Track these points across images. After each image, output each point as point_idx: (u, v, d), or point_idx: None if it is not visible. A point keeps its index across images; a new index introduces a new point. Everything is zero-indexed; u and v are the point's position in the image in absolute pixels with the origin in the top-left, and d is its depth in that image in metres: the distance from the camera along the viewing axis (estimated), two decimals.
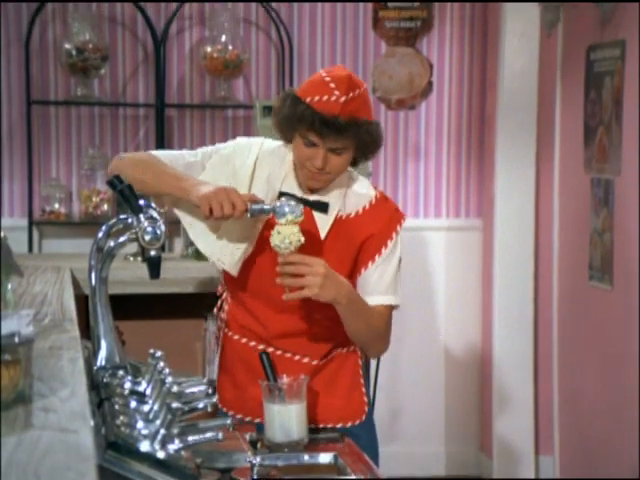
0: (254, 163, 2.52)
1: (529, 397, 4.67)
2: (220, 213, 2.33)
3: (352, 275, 2.51)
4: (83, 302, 2.66)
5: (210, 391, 1.92)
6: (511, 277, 4.65)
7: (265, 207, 2.39)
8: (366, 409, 2.64)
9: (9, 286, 1.74)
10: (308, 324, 2.54)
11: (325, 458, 2.31)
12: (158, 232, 2.14)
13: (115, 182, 2.24)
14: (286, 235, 2.34)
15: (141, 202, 2.20)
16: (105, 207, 4.45)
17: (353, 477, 2.20)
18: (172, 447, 1.75)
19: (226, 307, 2.65)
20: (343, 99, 2.34)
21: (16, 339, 1.40)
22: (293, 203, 2.37)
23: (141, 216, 2.16)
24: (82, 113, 4.54)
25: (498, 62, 4.62)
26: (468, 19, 4.77)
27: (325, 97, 2.36)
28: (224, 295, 2.69)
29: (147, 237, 2.13)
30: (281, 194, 2.48)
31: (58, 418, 1.38)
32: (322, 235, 2.49)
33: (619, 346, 4.04)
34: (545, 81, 4.61)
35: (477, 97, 4.80)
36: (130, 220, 2.18)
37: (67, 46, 4.37)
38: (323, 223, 2.49)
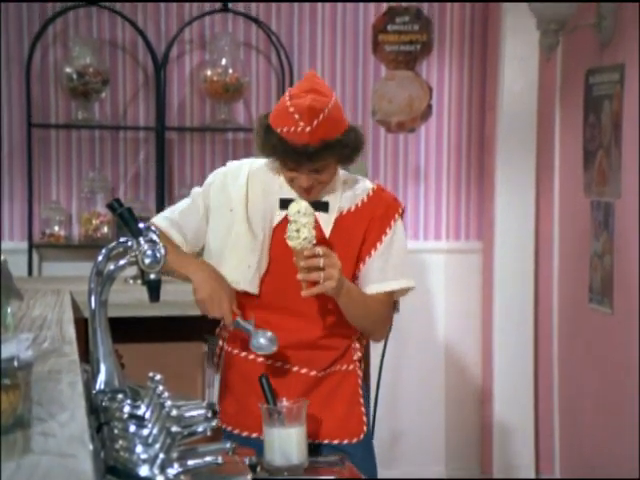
0: (246, 183, 2.59)
1: (530, 417, 4.66)
2: (212, 317, 2.56)
3: (356, 266, 2.56)
4: (83, 325, 2.65)
5: (210, 415, 1.91)
6: (511, 299, 4.65)
7: (247, 327, 2.52)
8: (364, 429, 2.63)
9: (9, 310, 1.74)
10: (308, 334, 2.57)
11: None
12: (158, 255, 2.13)
13: (115, 205, 2.24)
14: (309, 229, 2.39)
15: (141, 225, 2.20)
16: (105, 230, 4.45)
17: None
18: (171, 471, 1.74)
19: None
20: (308, 129, 2.38)
21: (15, 363, 1.39)
22: (269, 335, 2.49)
23: (141, 239, 2.15)
24: (82, 136, 4.55)
25: (497, 85, 4.63)
26: (467, 42, 4.78)
27: (292, 128, 2.39)
28: None
29: (147, 260, 2.13)
30: (281, 200, 2.55)
31: (57, 443, 1.37)
32: (326, 234, 2.54)
33: (619, 368, 4.03)
34: (544, 104, 4.62)
35: (477, 120, 4.81)
36: (130, 243, 2.18)
37: (68, 70, 4.38)
38: (325, 223, 2.54)
